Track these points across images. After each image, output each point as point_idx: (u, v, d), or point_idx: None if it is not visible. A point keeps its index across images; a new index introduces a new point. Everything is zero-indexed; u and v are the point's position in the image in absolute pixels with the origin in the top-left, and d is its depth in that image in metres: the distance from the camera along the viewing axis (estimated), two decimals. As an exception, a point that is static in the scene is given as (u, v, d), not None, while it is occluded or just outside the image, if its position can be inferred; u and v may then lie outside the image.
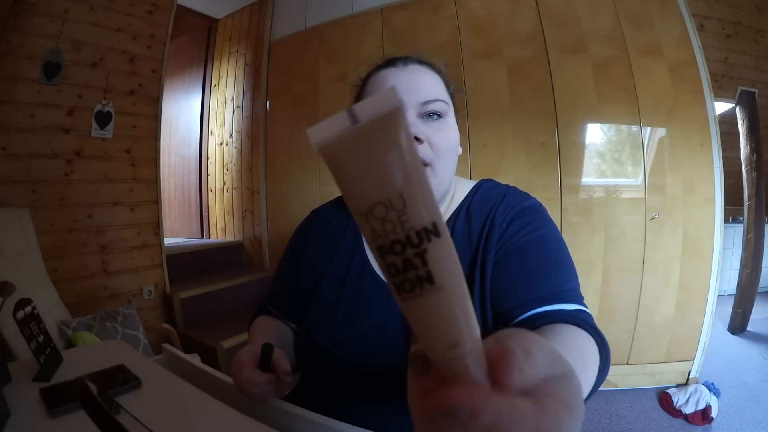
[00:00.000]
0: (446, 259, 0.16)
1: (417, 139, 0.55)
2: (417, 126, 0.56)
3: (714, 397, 1.84)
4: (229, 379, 0.64)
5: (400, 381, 0.54)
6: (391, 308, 0.58)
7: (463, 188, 0.66)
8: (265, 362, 0.54)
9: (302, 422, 0.56)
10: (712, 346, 2.18)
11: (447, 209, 0.63)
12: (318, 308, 0.64)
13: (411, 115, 0.56)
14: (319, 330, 0.63)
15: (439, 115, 0.57)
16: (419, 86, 0.57)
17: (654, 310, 2.00)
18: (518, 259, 0.52)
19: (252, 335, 0.70)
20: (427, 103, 0.56)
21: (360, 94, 0.64)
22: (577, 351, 0.40)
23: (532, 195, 0.63)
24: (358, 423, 0.52)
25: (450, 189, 0.63)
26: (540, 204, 0.60)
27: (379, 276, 0.62)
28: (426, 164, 0.55)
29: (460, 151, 0.62)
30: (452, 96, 0.63)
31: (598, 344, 0.43)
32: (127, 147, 2.29)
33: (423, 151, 0.55)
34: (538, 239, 0.54)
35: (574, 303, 0.48)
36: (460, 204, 0.63)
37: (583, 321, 0.45)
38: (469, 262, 0.56)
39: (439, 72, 0.62)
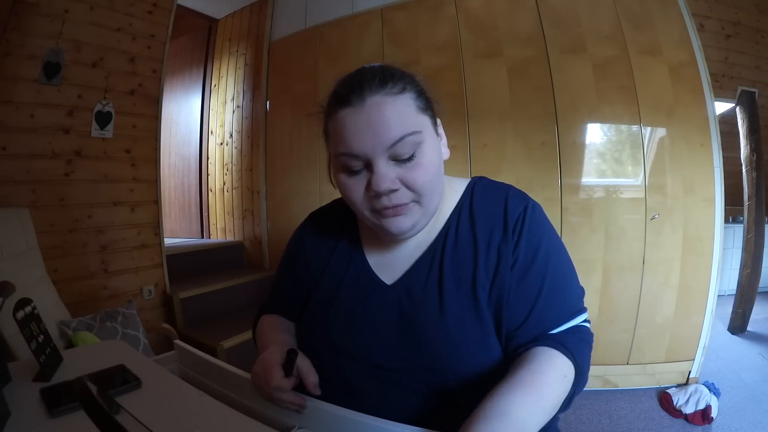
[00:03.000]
0: None
1: (392, 191, 0.52)
2: (387, 179, 0.52)
3: (714, 397, 1.84)
4: (242, 374, 0.64)
5: (393, 380, 0.54)
6: (385, 310, 0.59)
7: (455, 187, 0.65)
8: (288, 367, 0.55)
9: (307, 415, 0.56)
10: (712, 346, 2.18)
11: (440, 212, 0.62)
12: (315, 308, 0.64)
13: (380, 166, 0.51)
14: (315, 329, 0.63)
15: (413, 154, 0.52)
16: (382, 128, 0.50)
17: (654, 310, 2.01)
18: (526, 284, 0.55)
19: (264, 334, 0.70)
20: (394, 145, 0.51)
21: (326, 129, 0.59)
22: (533, 377, 0.47)
23: (532, 195, 0.63)
24: None
25: (440, 203, 0.62)
26: (538, 205, 0.61)
27: (378, 277, 0.62)
28: (405, 203, 0.54)
29: (447, 155, 0.60)
30: (429, 106, 0.56)
31: (572, 362, 0.50)
32: (127, 147, 2.29)
33: (399, 196, 0.53)
34: (544, 261, 0.56)
35: (566, 322, 0.54)
36: (457, 204, 0.63)
37: (560, 344, 0.51)
38: (475, 265, 0.57)
39: (405, 89, 0.53)
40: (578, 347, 0.52)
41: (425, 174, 0.53)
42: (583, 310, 0.57)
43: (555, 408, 0.48)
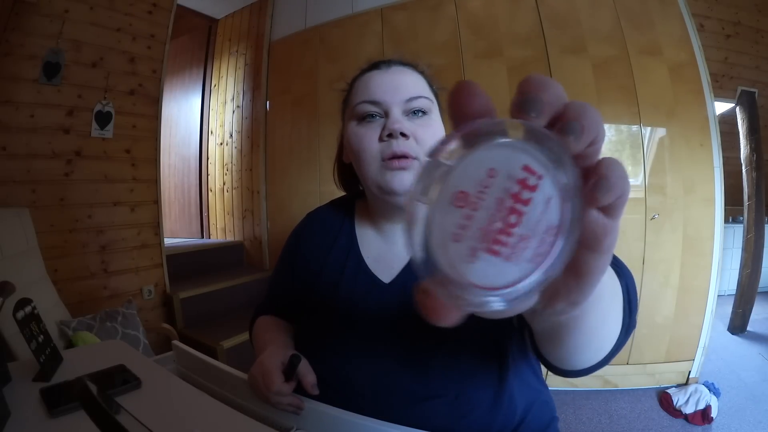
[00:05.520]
0: None
1: (403, 134, 0.56)
2: (402, 123, 0.57)
3: (714, 397, 1.84)
4: (240, 374, 0.64)
5: (395, 376, 0.55)
6: (384, 310, 0.59)
7: None
8: (290, 372, 0.55)
9: (305, 417, 0.56)
10: (712, 346, 2.18)
11: None
12: (313, 307, 0.65)
13: (396, 113, 0.57)
14: (313, 329, 0.63)
15: (424, 112, 0.59)
16: (402, 85, 0.59)
17: (654, 310, 2.00)
18: None
19: (261, 334, 0.70)
20: (410, 99, 0.58)
21: (347, 97, 0.64)
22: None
23: None
24: None
25: None
26: None
27: (374, 274, 0.62)
28: (413, 157, 0.56)
29: None
30: (436, 95, 0.64)
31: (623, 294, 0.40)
32: (127, 147, 2.29)
33: (409, 145, 0.56)
34: None
35: None
36: None
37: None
38: None
39: (421, 72, 0.64)
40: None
41: (432, 134, 0.58)
42: None
43: (614, 285, 0.37)
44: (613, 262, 0.42)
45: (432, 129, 0.59)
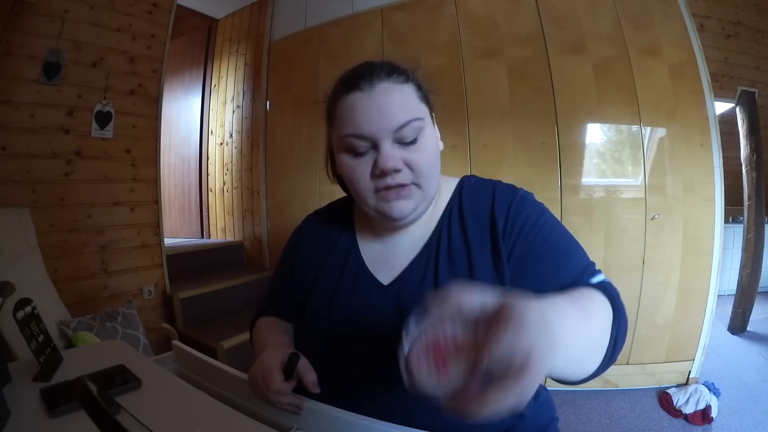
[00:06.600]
0: None
1: (396, 170, 0.54)
2: (393, 155, 0.53)
3: (714, 397, 1.84)
4: (239, 375, 0.64)
5: (395, 374, 0.55)
6: (384, 310, 0.59)
7: (447, 185, 0.66)
8: (289, 370, 0.55)
9: (305, 417, 0.56)
10: (712, 346, 2.18)
11: (434, 209, 0.64)
12: (313, 309, 0.65)
13: (386, 147, 0.54)
14: (314, 330, 0.63)
15: (416, 138, 0.55)
16: (390, 111, 0.53)
17: (654, 310, 2.00)
18: (532, 263, 0.55)
19: (261, 335, 0.70)
20: (400, 128, 0.53)
21: (331, 115, 0.59)
22: (579, 297, 0.47)
23: (532, 195, 0.63)
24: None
25: (437, 190, 0.63)
26: (529, 194, 0.62)
27: (374, 276, 0.62)
28: (409, 184, 0.55)
29: (441, 146, 0.62)
30: (427, 98, 0.60)
31: (612, 304, 0.48)
32: (127, 147, 2.29)
33: (403, 176, 0.55)
34: (542, 238, 0.56)
35: (592, 278, 0.54)
36: (448, 203, 0.64)
37: (591, 286, 0.51)
38: (470, 266, 0.57)
39: (409, 79, 0.57)
40: (609, 289, 0.51)
41: (426, 157, 0.56)
42: (599, 272, 0.55)
43: (601, 334, 0.44)
44: (615, 306, 0.48)
45: (426, 151, 0.56)
